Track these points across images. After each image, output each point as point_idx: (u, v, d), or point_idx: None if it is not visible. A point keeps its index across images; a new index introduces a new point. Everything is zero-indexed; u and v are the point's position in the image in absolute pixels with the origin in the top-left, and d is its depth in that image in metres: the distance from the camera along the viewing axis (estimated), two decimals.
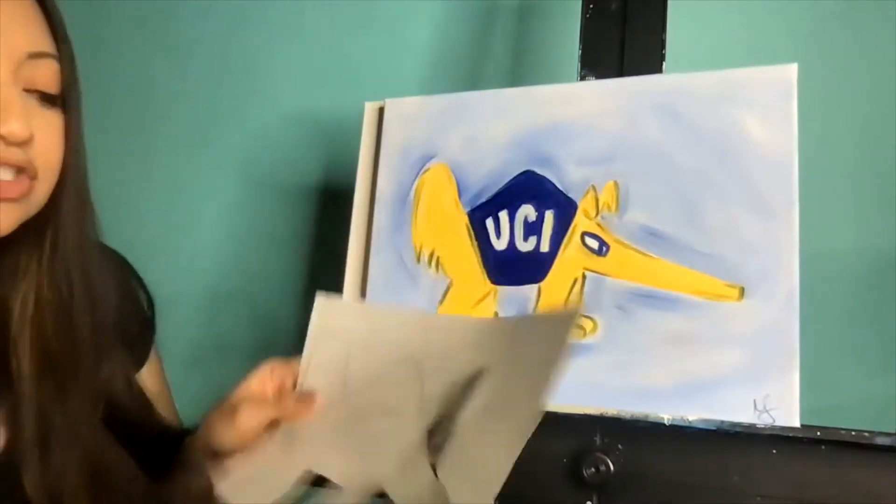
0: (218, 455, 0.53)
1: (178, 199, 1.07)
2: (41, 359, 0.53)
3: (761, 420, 0.52)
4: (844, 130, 0.74)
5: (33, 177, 0.50)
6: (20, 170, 0.49)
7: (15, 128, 0.47)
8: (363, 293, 0.68)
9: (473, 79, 0.90)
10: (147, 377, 0.65)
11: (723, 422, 0.53)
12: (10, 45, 0.48)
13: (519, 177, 0.64)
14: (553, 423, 0.50)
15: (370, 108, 0.72)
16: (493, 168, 0.65)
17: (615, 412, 0.55)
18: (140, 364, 0.65)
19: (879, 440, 0.49)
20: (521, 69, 0.88)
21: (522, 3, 0.88)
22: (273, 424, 0.53)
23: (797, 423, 0.51)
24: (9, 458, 0.52)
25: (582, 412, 0.56)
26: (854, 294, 0.74)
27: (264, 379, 0.55)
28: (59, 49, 0.51)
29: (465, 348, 0.51)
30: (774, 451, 0.52)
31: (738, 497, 0.52)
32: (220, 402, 0.55)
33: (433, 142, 0.68)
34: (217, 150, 1.04)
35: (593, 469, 0.55)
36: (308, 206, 0.97)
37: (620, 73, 0.64)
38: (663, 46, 0.63)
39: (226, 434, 0.52)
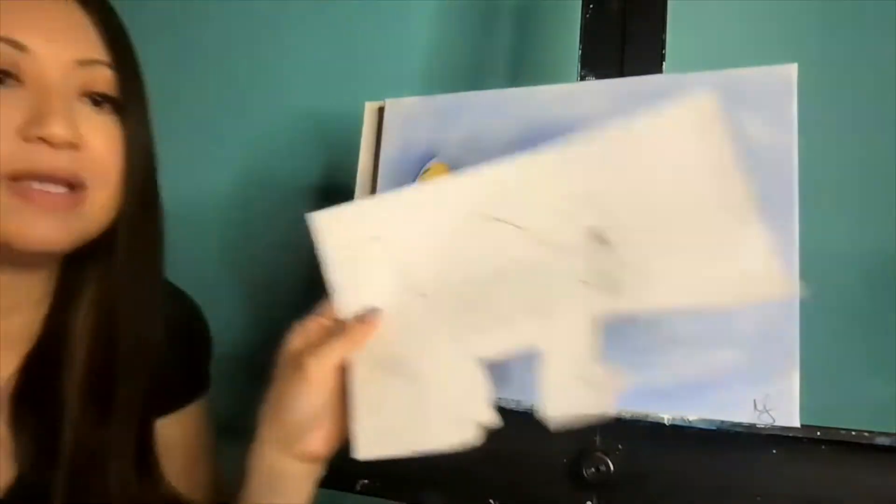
0: (292, 435, 0.49)
1: (179, 198, 1.07)
2: (86, 386, 0.52)
3: (761, 420, 0.52)
4: (844, 130, 0.74)
5: (83, 186, 0.49)
6: (70, 185, 0.48)
7: (57, 129, 0.46)
8: None
9: (473, 79, 0.90)
10: (175, 428, 0.61)
11: (723, 422, 0.53)
12: (58, 52, 0.48)
13: None
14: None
15: (370, 108, 0.72)
16: None
17: (615, 412, 0.55)
18: (168, 411, 0.61)
19: (879, 440, 0.49)
20: (521, 69, 0.88)
21: (522, 3, 0.88)
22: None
23: (797, 423, 0.51)
24: (19, 493, 0.51)
25: None
26: (854, 294, 0.73)
27: (301, 334, 0.52)
28: (114, 56, 0.51)
29: (572, 176, 0.47)
30: (774, 451, 0.52)
31: (738, 497, 0.52)
32: (275, 377, 0.51)
33: (433, 142, 0.68)
34: (217, 149, 1.04)
35: (593, 469, 0.55)
36: (308, 206, 0.97)
37: (620, 73, 0.64)
38: (663, 46, 0.63)
39: (300, 396, 0.48)
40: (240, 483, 0.52)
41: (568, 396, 0.46)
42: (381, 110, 0.71)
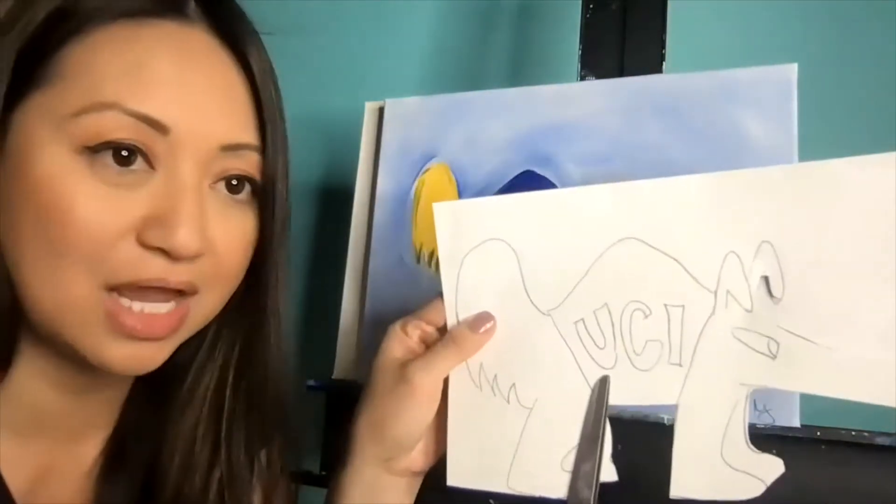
0: (395, 452, 0.45)
1: None
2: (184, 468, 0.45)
3: (761, 420, 0.52)
4: (844, 130, 0.74)
5: (193, 293, 0.40)
6: (180, 293, 0.39)
7: (183, 238, 0.37)
8: (363, 293, 0.68)
9: (473, 79, 0.90)
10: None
11: None
12: (205, 136, 0.39)
13: (519, 177, 0.64)
14: None
15: (370, 108, 0.72)
16: (493, 168, 0.65)
17: (615, 412, 0.55)
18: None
19: (879, 440, 0.49)
20: (521, 69, 0.88)
21: (522, 3, 0.88)
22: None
23: (797, 423, 0.51)
24: None
25: None
26: None
27: (401, 339, 0.46)
28: (263, 137, 0.43)
29: (750, 209, 0.39)
30: (774, 451, 0.52)
31: None
32: (374, 390, 0.45)
33: (433, 142, 0.68)
34: None
35: None
36: (308, 206, 0.97)
37: (620, 73, 0.64)
38: (663, 46, 0.63)
39: (407, 412, 0.43)
40: (332, 500, 0.49)
41: (705, 478, 0.40)
42: (381, 110, 0.71)
